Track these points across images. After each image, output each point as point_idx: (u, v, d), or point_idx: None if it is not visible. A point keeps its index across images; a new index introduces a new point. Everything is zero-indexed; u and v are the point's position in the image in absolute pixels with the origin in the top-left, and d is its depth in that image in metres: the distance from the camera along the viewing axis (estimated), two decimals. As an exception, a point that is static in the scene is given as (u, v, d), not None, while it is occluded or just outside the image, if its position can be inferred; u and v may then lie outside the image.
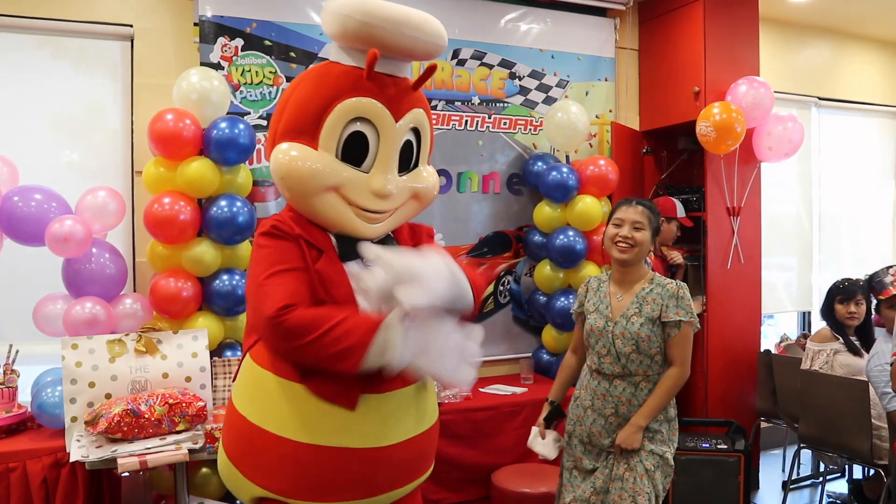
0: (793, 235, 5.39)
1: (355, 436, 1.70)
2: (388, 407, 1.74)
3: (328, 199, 1.74)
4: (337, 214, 1.76)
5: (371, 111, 1.72)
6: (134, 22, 3.52)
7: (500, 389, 3.81)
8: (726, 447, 3.52)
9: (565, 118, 4.03)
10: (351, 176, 1.74)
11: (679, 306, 2.44)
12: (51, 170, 3.38)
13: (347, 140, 1.73)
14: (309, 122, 1.73)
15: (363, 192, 1.74)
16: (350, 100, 1.71)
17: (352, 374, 1.65)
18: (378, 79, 1.74)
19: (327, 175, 1.72)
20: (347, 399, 1.68)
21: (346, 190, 1.74)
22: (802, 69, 5.40)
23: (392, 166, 1.78)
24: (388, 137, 1.75)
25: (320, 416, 1.69)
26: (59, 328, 3.00)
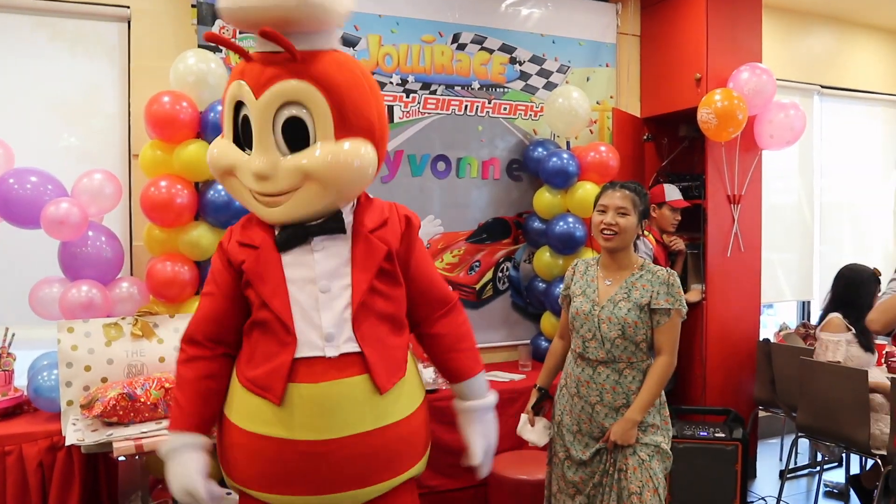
0: (794, 224, 5.38)
1: (289, 427, 1.67)
2: (325, 398, 1.66)
3: (232, 184, 1.77)
4: (242, 199, 1.78)
5: (239, 92, 1.69)
6: (131, 3, 3.48)
7: (498, 376, 3.80)
8: (724, 436, 3.52)
9: (566, 104, 4.00)
10: (238, 159, 1.72)
11: (669, 293, 2.42)
12: (47, 153, 3.35)
13: (243, 126, 1.72)
14: (221, 114, 1.80)
15: (248, 175, 1.70)
16: (232, 85, 1.72)
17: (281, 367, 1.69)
18: (259, 59, 1.69)
19: (221, 159, 1.75)
20: (273, 394, 1.67)
21: (238, 173, 1.73)
22: (805, 57, 5.37)
23: (267, 145, 1.66)
24: (254, 116, 1.67)
25: (255, 405, 1.71)
26: (56, 312, 2.98)
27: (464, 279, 4.17)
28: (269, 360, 1.70)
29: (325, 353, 1.68)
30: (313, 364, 1.67)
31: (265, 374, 1.70)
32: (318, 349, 1.68)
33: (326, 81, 1.67)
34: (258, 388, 1.70)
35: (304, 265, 1.72)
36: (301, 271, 1.72)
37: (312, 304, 1.70)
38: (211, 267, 1.86)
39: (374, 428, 1.71)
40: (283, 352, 1.68)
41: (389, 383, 1.74)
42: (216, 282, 1.81)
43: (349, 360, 1.70)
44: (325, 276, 1.72)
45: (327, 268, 1.73)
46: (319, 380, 1.66)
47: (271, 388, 1.68)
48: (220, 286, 1.80)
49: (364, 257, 1.76)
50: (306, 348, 1.68)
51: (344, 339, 1.70)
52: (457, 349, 1.97)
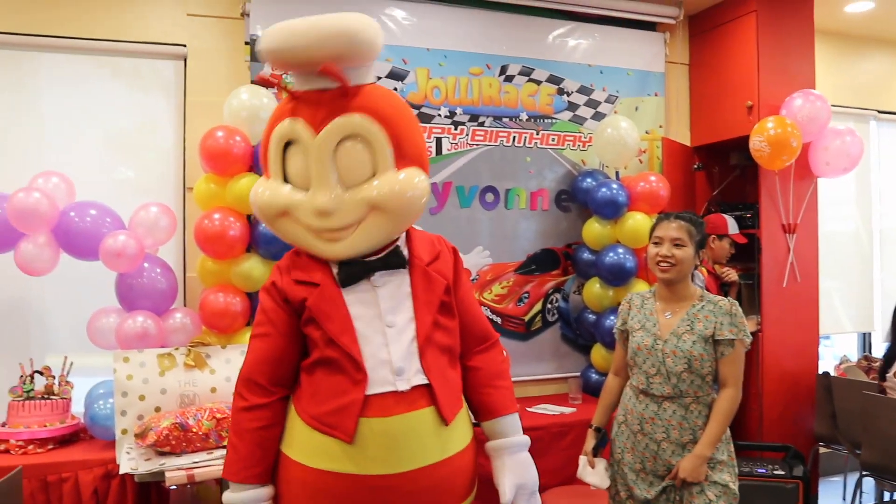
0: (851, 253, 5.22)
1: (359, 463, 1.64)
2: (395, 432, 1.66)
3: (285, 225, 1.74)
4: (297, 239, 1.75)
5: (292, 131, 1.69)
6: (188, 42, 3.60)
7: (547, 409, 3.74)
8: (784, 473, 3.39)
9: (615, 134, 3.98)
10: (294, 199, 1.70)
11: (733, 324, 2.36)
12: (106, 186, 3.46)
13: (293, 165, 1.71)
14: (263, 155, 1.78)
15: (308, 213, 1.69)
16: (278, 125, 1.71)
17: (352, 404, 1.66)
18: (307, 97, 1.69)
19: (274, 200, 1.72)
20: (343, 431, 1.64)
21: (294, 212, 1.71)
22: (860, 82, 5.25)
23: (327, 180, 1.67)
24: (312, 153, 1.67)
25: (324, 444, 1.67)
26: (112, 341, 3.05)
27: (513, 311, 4.14)
28: (338, 397, 1.67)
29: (397, 387, 1.68)
30: (384, 398, 1.67)
31: (333, 411, 1.66)
32: (390, 384, 1.68)
33: (381, 113, 1.69)
34: (325, 427, 1.67)
35: (368, 301, 1.72)
36: (365, 307, 1.71)
37: (380, 339, 1.69)
38: (260, 307, 1.80)
39: (439, 459, 1.72)
40: (354, 389, 1.66)
41: (452, 414, 1.75)
42: (271, 321, 1.76)
43: (418, 393, 1.70)
44: (390, 311, 1.73)
45: (391, 303, 1.74)
46: (390, 413, 1.66)
47: (341, 425, 1.65)
48: (276, 325, 1.75)
49: (425, 291, 1.77)
50: (378, 384, 1.67)
51: (413, 371, 1.71)
52: (492, 385, 1.90)
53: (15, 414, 2.92)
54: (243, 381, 1.75)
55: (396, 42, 3.83)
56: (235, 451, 1.72)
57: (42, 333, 3.43)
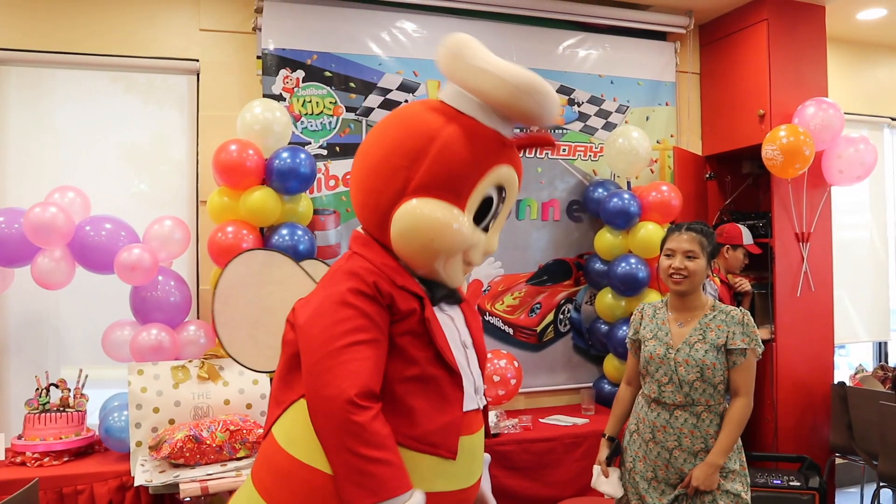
0: (866, 261, 5.18)
1: (452, 479, 1.67)
2: (476, 447, 1.73)
3: (457, 260, 1.70)
4: (455, 273, 1.73)
5: (510, 179, 1.72)
6: (200, 56, 3.64)
7: (560, 420, 3.73)
8: (799, 484, 3.36)
9: (626, 144, 3.98)
10: (480, 239, 1.72)
11: (745, 333, 2.37)
12: (120, 199, 3.51)
13: (482, 203, 1.70)
14: (460, 184, 1.64)
15: (480, 252, 1.74)
16: (498, 167, 1.67)
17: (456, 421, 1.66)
18: (513, 146, 1.72)
19: (470, 238, 1.67)
20: (448, 450, 1.63)
21: (472, 251, 1.72)
22: (873, 89, 5.22)
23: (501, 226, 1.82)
24: (511, 201, 1.76)
25: (423, 465, 1.61)
26: (127, 354, 3.08)
27: (524, 321, 4.14)
28: (437, 415, 1.62)
29: (479, 404, 1.75)
30: (471, 416, 1.71)
31: (436, 430, 1.62)
32: (475, 402, 1.73)
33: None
34: (428, 446, 1.61)
35: (447, 324, 1.73)
36: (450, 330, 1.72)
37: (465, 359, 1.73)
38: (357, 311, 1.57)
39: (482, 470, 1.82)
40: (453, 407, 1.66)
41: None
42: (378, 326, 1.58)
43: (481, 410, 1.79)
44: (465, 335, 1.78)
45: (462, 328, 1.79)
46: (475, 430, 1.72)
47: (445, 444, 1.63)
48: (383, 332, 1.60)
49: (473, 319, 1.85)
50: (469, 401, 1.70)
51: (483, 391, 1.80)
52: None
53: (31, 426, 2.94)
54: (363, 393, 1.51)
55: (407, 54, 3.86)
56: (388, 465, 1.50)
57: (58, 346, 3.47)
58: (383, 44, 3.83)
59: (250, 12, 3.66)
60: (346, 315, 1.57)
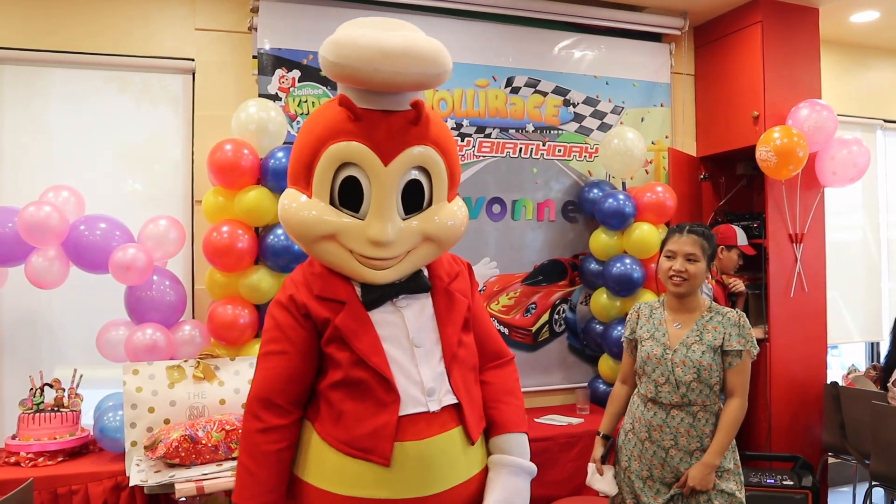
0: (859, 262, 5.21)
1: (394, 487, 1.61)
2: (430, 454, 1.64)
3: (327, 248, 1.66)
4: (340, 262, 1.67)
5: (356, 156, 1.60)
6: (196, 56, 3.63)
7: (555, 420, 3.74)
8: (793, 483, 3.39)
9: (621, 144, 3.99)
10: (346, 224, 1.64)
11: (741, 335, 2.39)
12: (114, 199, 3.49)
13: (342, 186, 1.64)
14: (302, 168, 1.66)
15: (360, 241, 1.63)
16: (335, 145, 1.60)
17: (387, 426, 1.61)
18: (370, 118, 1.60)
19: (321, 224, 1.64)
20: (381, 455, 1.60)
21: (342, 238, 1.64)
22: (867, 91, 5.25)
23: (389, 211, 1.63)
24: (378, 182, 1.61)
25: (354, 468, 1.62)
26: (121, 353, 3.07)
27: (520, 321, 4.15)
28: (368, 419, 1.62)
29: (429, 407, 1.66)
30: (416, 420, 1.64)
31: (367, 435, 1.61)
32: (422, 404, 1.65)
33: (444, 145, 1.70)
34: (359, 451, 1.61)
35: (393, 322, 1.69)
36: (391, 328, 1.68)
37: (409, 359, 1.67)
38: (273, 322, 1.70)
39: (467, 478, 1.70)
40: (386, 411, 1.62)
41: (477, 433, 1.75)
42: (289, 339, 1.66)
43: (447, 414, 1.68)
44: (417, 332, 1.70)
45: (417, 323, 1.71)
46: (424, 436, 1.63)
47: (377, 449, 1.60)
48: (294, 343, 1.66)
49: (448, 311, 1.76)
50: (410, 405, 1.64)
51: (443, 392, 1.70)
52: (502, 400, 1.84)
53: (25, 426, 2.93)
54: (259, 401, 1.65)
55: (403, 55, 3.84)
56: (251, 476, 1.62)
57: (52, 346, 3.45)
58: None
59: (246, 12, 3.66)
60: (267, 326, 1.72)
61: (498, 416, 1.81)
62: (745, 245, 4.08)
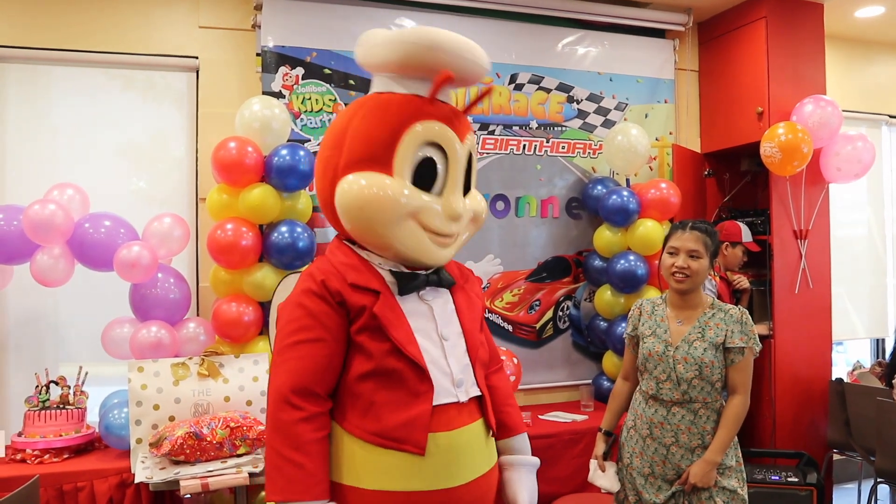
0: (865, 258, 5.19)
1: (426, 478, 1.63)
2: (458, 445, 1.68)
3: (408, 227, 1.68)
4: (416, 242, 1.70)
5: (441, 135, 1.70)
6: (199, 54, 3.63)
7: (559, 417, 3.74)
8: (797, 480, 3.38)
9: (625, 141, 3.98)
10: (429, 201, 1.70)
11: (743, 332, 2.38)
12: (119, 197, 3.50)
13: (419, 166, 1.69)
14: (379, 150, 1.67)
15: (438, 217, 1.70)
16: (421, 123, 1.68)
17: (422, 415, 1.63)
18: (438, 105, 1.72)
19: (408, 201, 1.66)
20: (416, 445, 1.62)
21: (423, 216, 1.69)
22: (871, 86, 5.23)
23: (460, 189, 1.75)
24: (455, 160, 1.72)
25: (390, 463, 1.62)
26: (126, 351, 3.08)
27: (524, 318, 4.15)
28: (402, 410, 1.63)
29: (458, 398, 1.70)
30: (447, 411, 1.67)
31: (401, 425, 1.62)
32: (452, 395, 1.69)
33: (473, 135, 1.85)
34: (392, 442, 1.62)
35: (423, 313, 1.72)
36: (422, 319, 1.71)
37: (439, 351, 1.70)
38: (304, 311, 1.66)
39: (487, 469, 1.76)
40: (419, 400, 1.64)
41: (494, 426, 1.82)
42: (324, 325, 1.64)
43: (472, 405, 1.74)
44: (444, 325, 1.74)
45: (444, 316, 1.76)
46: (454, 426, 1.67)
47: (411, 439, 1.61)
48: (331, 330, 1.64)
49: (468, 307, 1.82)
50: (442, 395, 1.67)
51: (470, 383, 1.75)
52: (508, 404, 1.94)
53: (31, 423, 2.94)
54: (297, 391, 1.60)
55: (406, 52, 3.85)
56: (299, 468, 1.56)
57: (57, 344, 3.47)
58: (383, 41, 3.83)
59: (250, 9, 3.66)
60: (295, 315, 1.67)
61: (507, 419, 1.90)
62: (749, 241, 4.07)
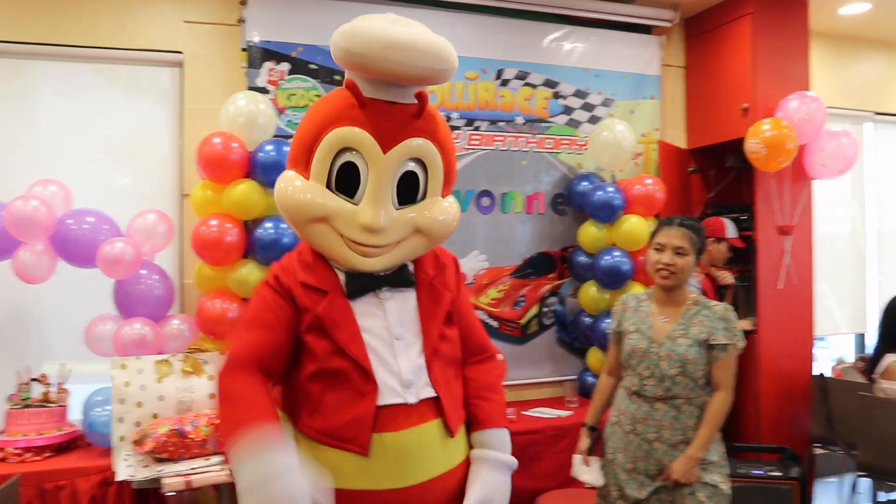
0: (848, 254, 5.23)
1: (373, 478, 1.63)
2: (407, 445, 1.66)
3: (319, 230, 1.69)
4: (329, 246, 1.71)
5: (357, 141, 1.65)
6: (184, 49, 3.61)
7: (544, 412, 3.76)
8: (780, 474, 3.41)
9: (611, 137, 3.99)
10: (340, 207, 1.67)
11: (727, 329, 2.40)
12: (102, 193, 3.47)
13: (340, 170, 1.68)
14: (303, 151, 1.71)
15: (351, 225, 1.67)
16: (337, 129, 1.65)
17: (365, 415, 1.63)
18: (374, 107, 1.66)
19: (315, 206, 1.67)
20: (359, 445, 1.62)
21: (335, 222, 1.68)
22: (856, 83, 5.26)
23: (384, 199, 1.67)
24: (375, 169, 1.66)
25: (335, 461, 1.63)
26: (110, 348, 3.06)
27: (509, 314, 4.15)
28: (347, 409, 1.64)
29: (406, 399, 1.68)
30: (394, 412, 1.66)
31: (346, 424, 1.63)
32: (399, 396, 1.67)
33: (441, 139, 1.75)
34: (337, 441, 1.63)
35: (375, 314, 1.72)
36: (373, 320, 1.71)
37: (388, 351, 1.69)
38: (259, 299, 1.73)
39: (445, 471, 1.72)
40: (364, 400, 1.64)
41: (457, 426, 1.77)
42: (275, 314, 1.68)
43: (426, 406, 1.71)
44: (398, 324, 1.73)
45: (399, 316, 1.74)
46: (401, 427, 1.66)
47: (355, 438, 1.62)
48: (280, 319, 1.68)
49: (431, 304, 1.79)
50: (388, 395, 1.66)
51: (422, 384, 1.72)
52: (482, 396, 1.86)
53: (12, 422, 2.93)
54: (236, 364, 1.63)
55: (392, 47, 3.83)
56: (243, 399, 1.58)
57: (40, 341, 3.44)
58: (368, 36, 3.81)
59: (235, 4, 3.64)
60: (254, 302, 1.75)
61: (478, 412, 1.84)
62: (734, 237, 4.10)
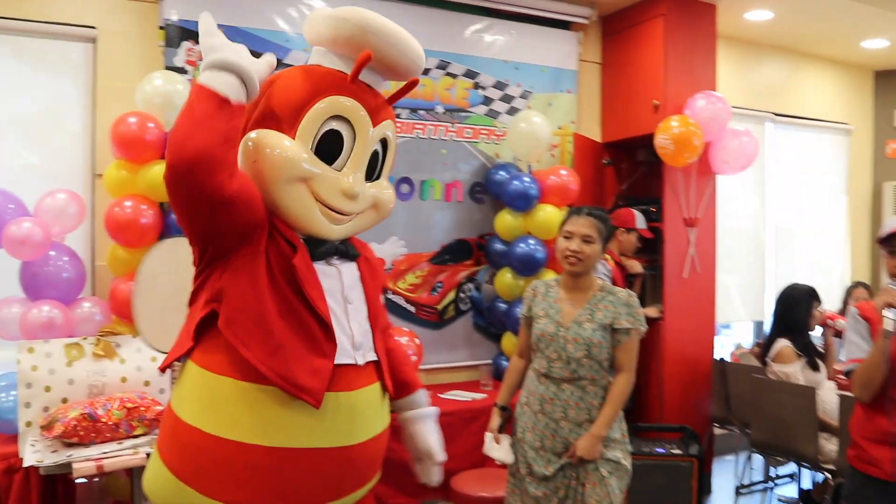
0: (748, 247, 5.51)
1: (324, 435, 1.68)
2: (357, 405, 1.75)
3: (297, 191, 1.70)
4: (303, 208, 1.72)
5: (352, 112, 1.74)
6: (98, 24, 3.50)
7: (459, 396, 3.84)
8: (680, 452, 3.60)
9: (528, 128, 4.10)
10: (324, 171, 1.73)
11: (630, 314, 2.52)
12: (8, 171, 3.34)
13: (323, 137, 1.73)
14: (288, 112, 1.72)
15: (332, 190, 1.73)
16: (334, 97, 1.73)
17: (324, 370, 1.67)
18: (360, 85, 1.78)
19: (300, 165, 1.69)
20: (312, 396, 1.64)
21: (315, 184, 1.71)
22: (759, 86, 5.55)
23: (363, 169, 1.80)
24: (363, 140, 1.77)
25: (286, 417, 1.64)
26: (16, 332, 2.96)
27: (426, 300, 4.22)
28: (308, 360, 1.66)
29: (357, 360, 1.77)
30: (347, 372, 1.74)
31: (304, 373, 1.64)
32: (350, 357, 1.76)
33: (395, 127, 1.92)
34: (292, 387, 1.61)
35: (332, 275, 1.79)
36: (330, 281, 1.78)
37: (343, 313, 1.77)
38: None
39: (382, 430, 1.85)
40: (324, 357, 1.69)
41: (391, 389, 1.92)
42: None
43: (370, 369, 1.83)
44: (349, 289, 1.82)
45: (349, 282, 1.83)
46: (353, 387, 1.75)
47: (311, 390, 1.63)
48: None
49: (371, 277, 1.92)
50: (343, 355, 1.73)
51: (367, 348, 1.83)
52: (405, 363, 2.10)
53: (-90, 407, 2.81)
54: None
55: (314, 32, 3.82)
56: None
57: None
58: (290, 20, 3.80)
59: (151, -20, 3.55)
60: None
61: (406, 377, 2.07)
62: (643, 228, 4.27)
